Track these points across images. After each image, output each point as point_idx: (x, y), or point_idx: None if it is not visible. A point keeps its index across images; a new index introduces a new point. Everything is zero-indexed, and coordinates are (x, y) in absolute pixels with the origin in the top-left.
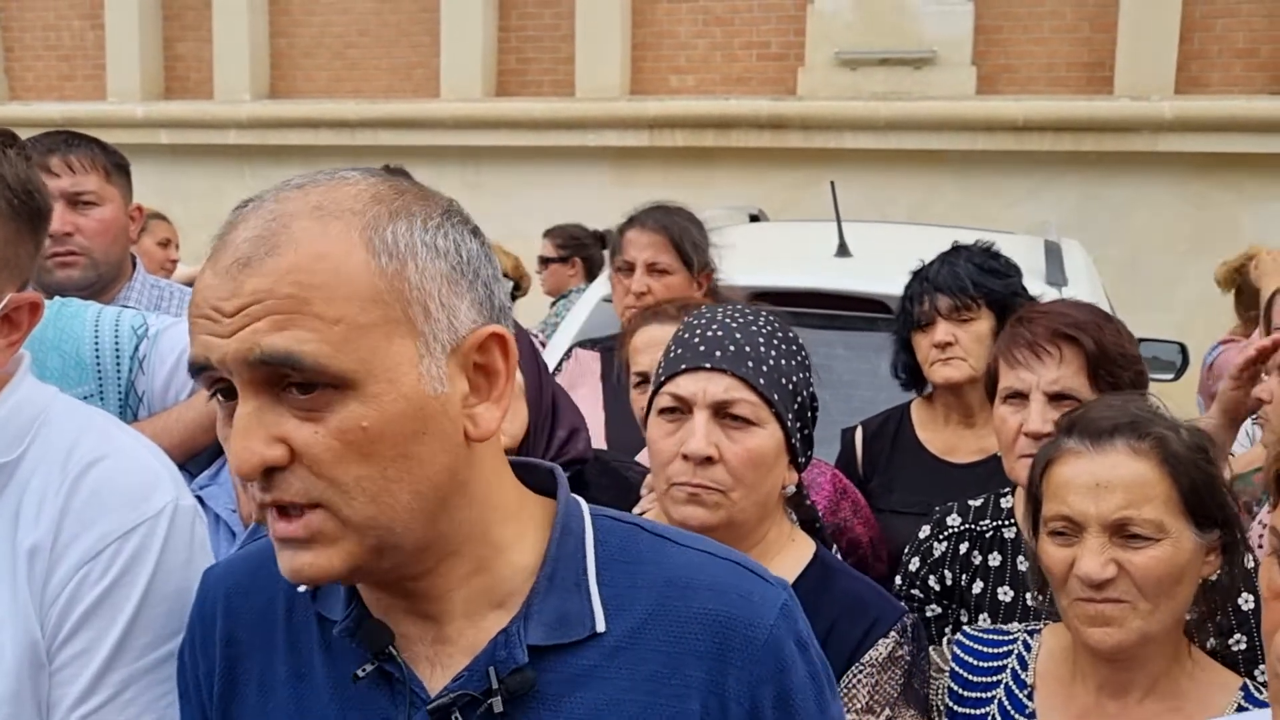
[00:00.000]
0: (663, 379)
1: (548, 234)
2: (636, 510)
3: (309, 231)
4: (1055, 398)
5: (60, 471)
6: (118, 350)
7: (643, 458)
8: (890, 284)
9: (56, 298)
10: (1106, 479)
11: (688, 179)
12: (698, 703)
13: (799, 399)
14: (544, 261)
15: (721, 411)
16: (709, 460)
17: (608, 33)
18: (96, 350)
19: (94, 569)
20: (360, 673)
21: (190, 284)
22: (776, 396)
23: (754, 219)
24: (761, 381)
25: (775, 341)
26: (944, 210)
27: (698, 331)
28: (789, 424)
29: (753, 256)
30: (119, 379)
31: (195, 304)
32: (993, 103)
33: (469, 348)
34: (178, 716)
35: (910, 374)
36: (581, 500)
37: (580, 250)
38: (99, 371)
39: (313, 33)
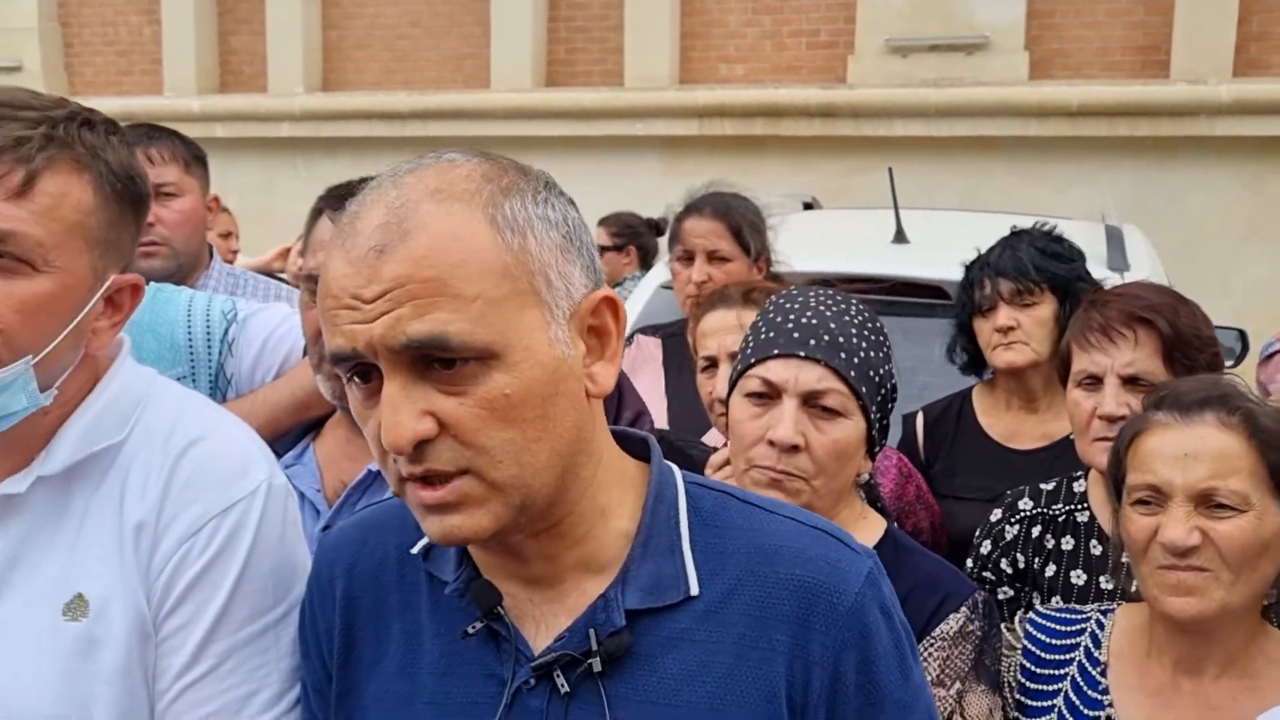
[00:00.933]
0: (752, 360)
1: (602, 223)
2: None
3: (434, 214)
4: (1130, 381)
5: (162, 451)
6: (209, 334)
7: (708, 439)
8: (948, 270)
9: (151, 283)
10: (1195, 449)
11: (737, 168)
12: (783, 666)
13: (883, 391)
14: (599, 250)
15: (811, 400)
16: (795, 448)
17: (657, 22)
18: (189, 334)
19: (195, 544)
20: (470, 630)
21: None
22: (864, 389)
23: (808, 207)
24: (853, 374)
25: (866, 332)
26: (995, 197)
27: (791, 316)
28: (872, 415)
29: (810, 243)
30: (210, 361)
31: (330, 295)
32: (1046, 88)
33: (585, 311)
34: (274, 687)
35: (971, 359)
36: (674, 467)
37: (635, 238)
38: (191, 354)
39: (364, 25)
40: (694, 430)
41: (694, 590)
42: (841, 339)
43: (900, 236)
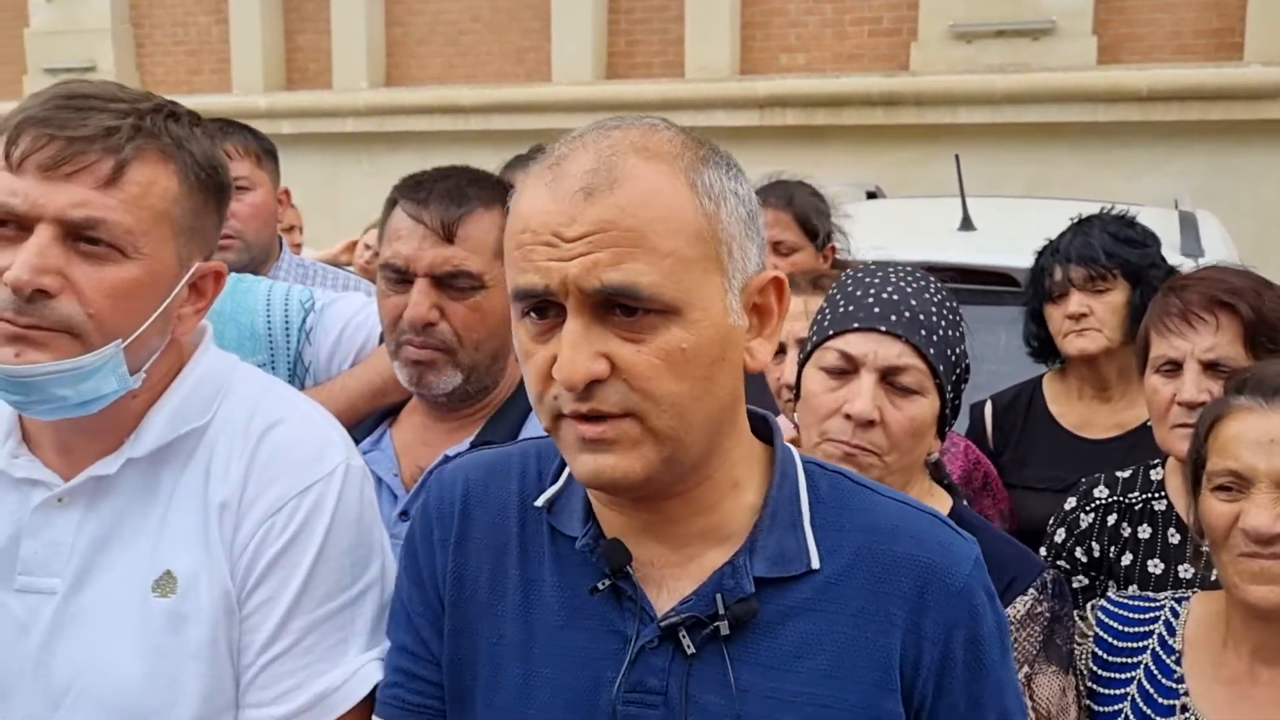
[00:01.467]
0: (830, 333)
1: None
2: None
3: (641, 169)
4: (1210, 366)
5: (244, 433)
6: (287, 322)
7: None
8: (1015, 257)
9: (232, 274)
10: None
11: (799, 158)
12: (898, 639)
13: (958, 370)
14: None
15: (888, 376)
16: (870, 423)
17: (717, 12)
18: (269, 322)
19: (276, 523)
20: (600, 586)
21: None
22: (942, 367)
23: (871, 195)
24: (932, 351)
25: (945, 310)
26: (1062, 184)
27: (871, 291)
28: (947, 395)
29: (876, 231)
30: (288, 350)
31: (528, 230)
32: (1115, 72)
33: (754, 288)
34: (351, 661)
35: (1041, 347)
36: (792, 448)
37: None
38: (271, 342)
39: (426, 21)
40: None
41: (815, 564)
42: (922, 316)
43: (967, 224)
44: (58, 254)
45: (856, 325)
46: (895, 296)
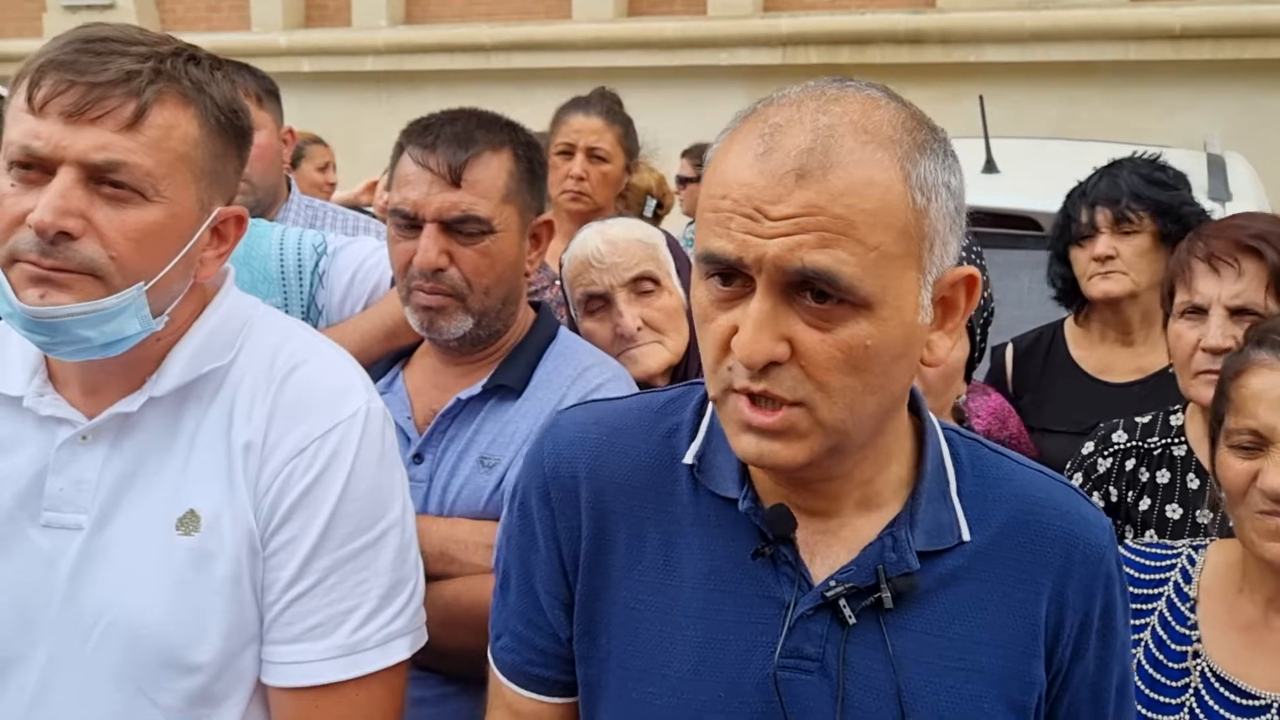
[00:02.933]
0: None
1: (686, 154)
2: None
3: (857, 155)
4: (1236, 312)
5: (267, 375)
6: (300, 266)
7: None
8: (1039, 200)
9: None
10: None
11: None
12: (1043, 607)
13: (986, 313)
14: (682, 181)
15: None
16: None
17: None
18: (282, 266)
19: (299, 464)
20: (766, 550)
21: (349, 207)
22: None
23: None
24: None
25: (970, 254)
26: (1090, 125)
27: None
28: (976, 338)
29: None
30: (301, 293)
31: (728, 196)
32: (1147, 9)
33: (946, 283)
34: (373, 602)
35: (1064, 291)
36: (931, 415)
37: None
38: (284, 285)
39: None
40: None
41: (966, 536)
42: None
43: (990, 166)
44: (80, 196)
45: None
46: None
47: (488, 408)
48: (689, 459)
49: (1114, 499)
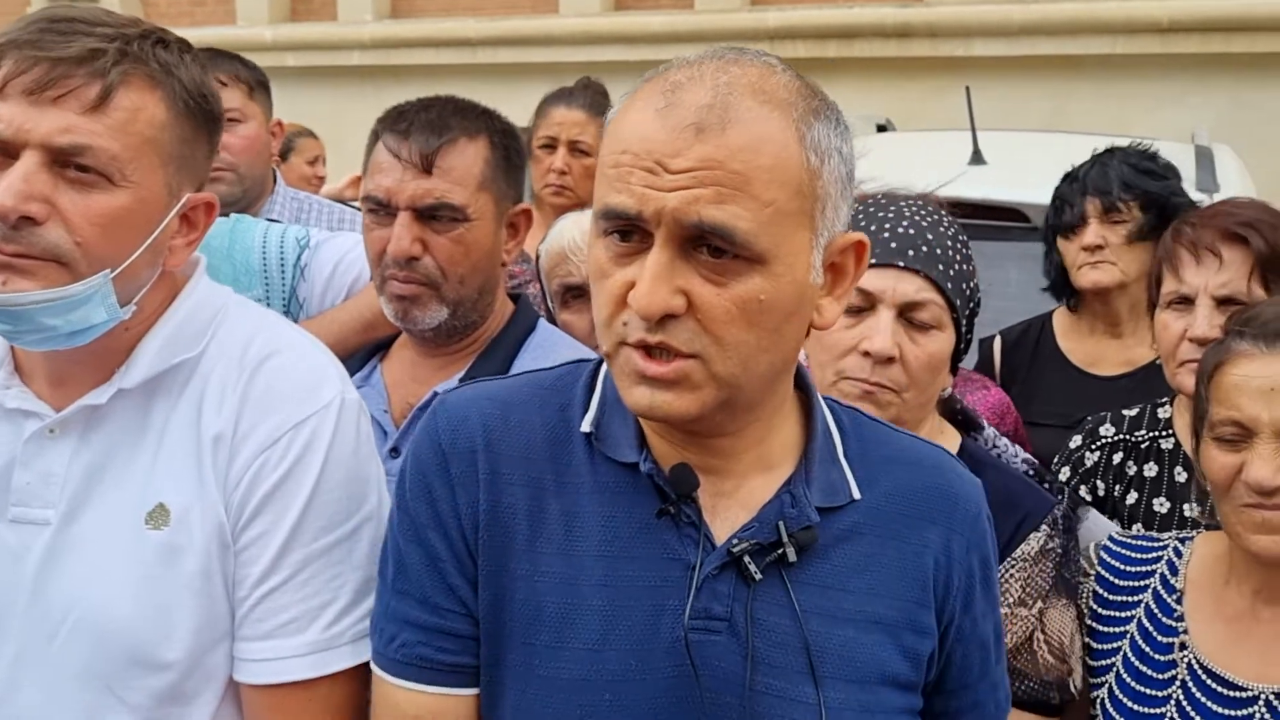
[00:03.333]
0: None
1: None
2: None
3: (756, 112)
4: (1223, 302)
5: (238, 365)
6: (283, 258)
7: None
8: (1026, 192)
9: (231, 214)
10: None
11: None
12: (932, 560)
13: (972, 304)
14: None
15: (906, 312)
16: (889, 360)
17: None
18: (264, 258)
19: (271, 456)
20: (670, 509)
21: (337, 200)
22: (958, 301)
23: (881, 129)
24: (949, 285)
25: (958, 243)
26: (1079, 118)
27: (886, 225)
28: (962, 329)
29: (883, 165)
30: (283, 285)
31: (628, 151)
32: (1135, 3)
33: (836, 249)
34: (348, 596)
35: (1055, 282)
36: (815, 387)
37: None
38: (266, 278)
39: None
40: None
41: (856, 494)
42: (939, 250)
43: (977, 158)
44: (44, 180)
45: (874, 261)
46: (911, 230)
47: None
48: (586, 427)
49: (1101, 493)
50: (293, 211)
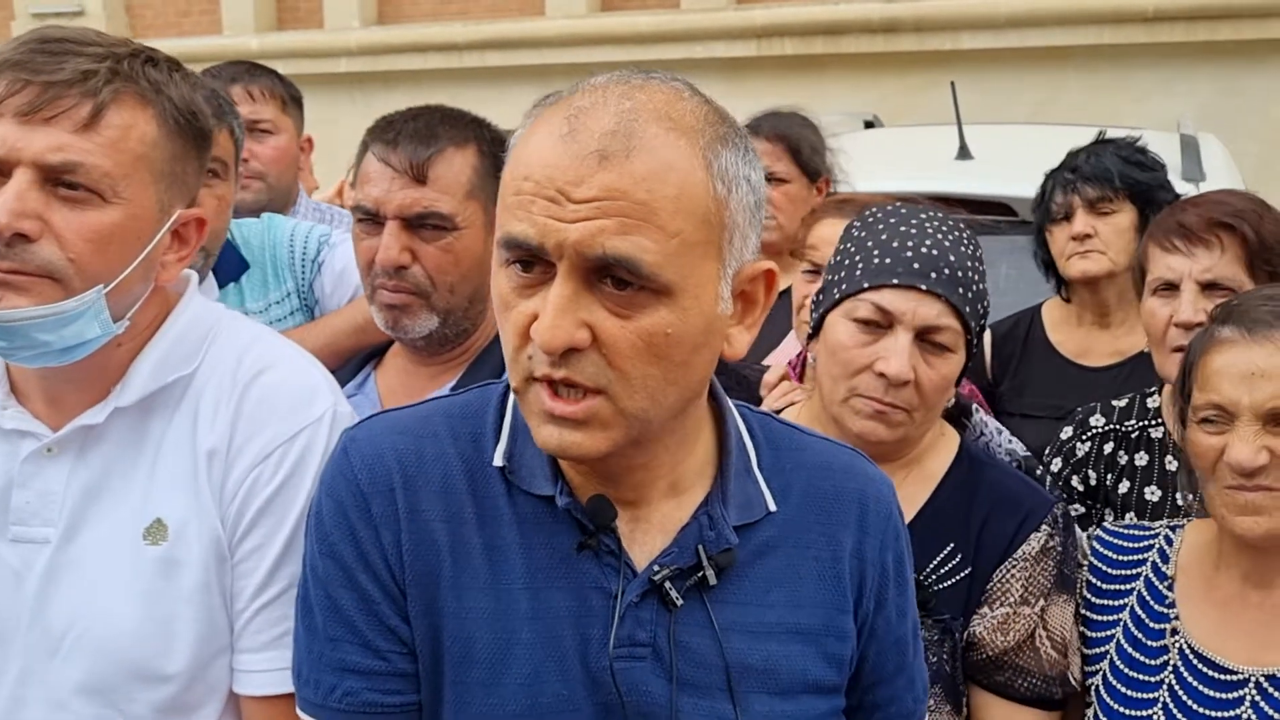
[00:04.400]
0: (864, 285)
1: None
2: (764, 408)
3: (661, 140)
4: (1209, 287)
5: (231, 380)
6: (305, 253)
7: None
8: (1014, 185)
9: (264, 214)
10: (1263, 368)
11: (798, 89)
12: (846, 564)
13: (983, 322)
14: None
15: (924, 334)
16: (905, 382)
17: None
18: (290, 253)
19: (265, 470)
20: (589, 543)
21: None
22: (974, 324)
23: (869, 125)
24: (967, 309)
25: (975, 262)
26: (1067, 109)
27: (909, 243)
28: (974, 348)
29: (872, 161)
30: (304, 280)
31: (529, 179)
32: None
33: (745, 277)
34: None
35: (1044, 272)
36: (724, 396)
37: None
38: (293, 272)
39: None
40: (752, 352)
41: (772, 507)
42: (960, 272)
43: (964, 153)
44: (37, 198)
45: (896, 281)
46: (934, 251)
47: None
48: (499, 460)
49: (1093, 482)
50: (315, 221)
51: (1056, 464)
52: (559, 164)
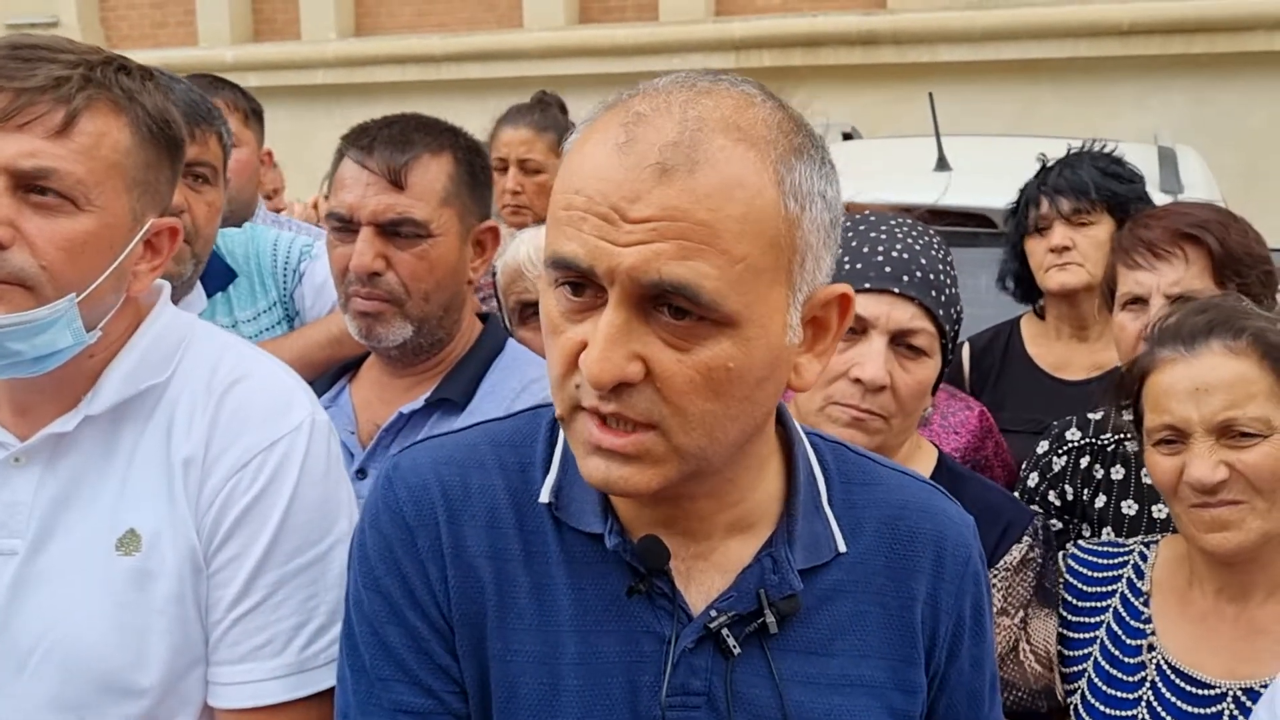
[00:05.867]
0: None
1: None
2: None
3: (728, 154)
4: (1178, 300)
5: (206, 390)
6: (288, 263)
7: None
8: (991, 197)
9: (246, 223)
10: (1206, 381)
11: None
12: (919, 612)
13: (957, 326)
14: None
15: (899, 339)
16: (880, 388)
17: None
18: (274, 263)
19: (242, 479)
20: (639, 588)
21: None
22: (948, 327)
23: (847, 137)
24: (941, 312)
25: (946, 266)
26: (1043, 122)
27: (880, 248)
28: (949, 353)
29: (850, 173)
30: (285, 289)
31: (580, 193)
32: (1095, 6)
33: (817, 302)
34: (321, 618)
35: (1021, 285)
36: (796, 424)
37: None
38: (275, 281)
39: None
40: None
41: (841, 548)
42: (932, 275)
43: (942, 164)
44: (9, 205)
45: (868, 285)
46: (905, 255)
47: (431, 422)
48: (545, 497)
49: (1070, 497)
50: None
51: (1033, 479)
52: (614, 177)
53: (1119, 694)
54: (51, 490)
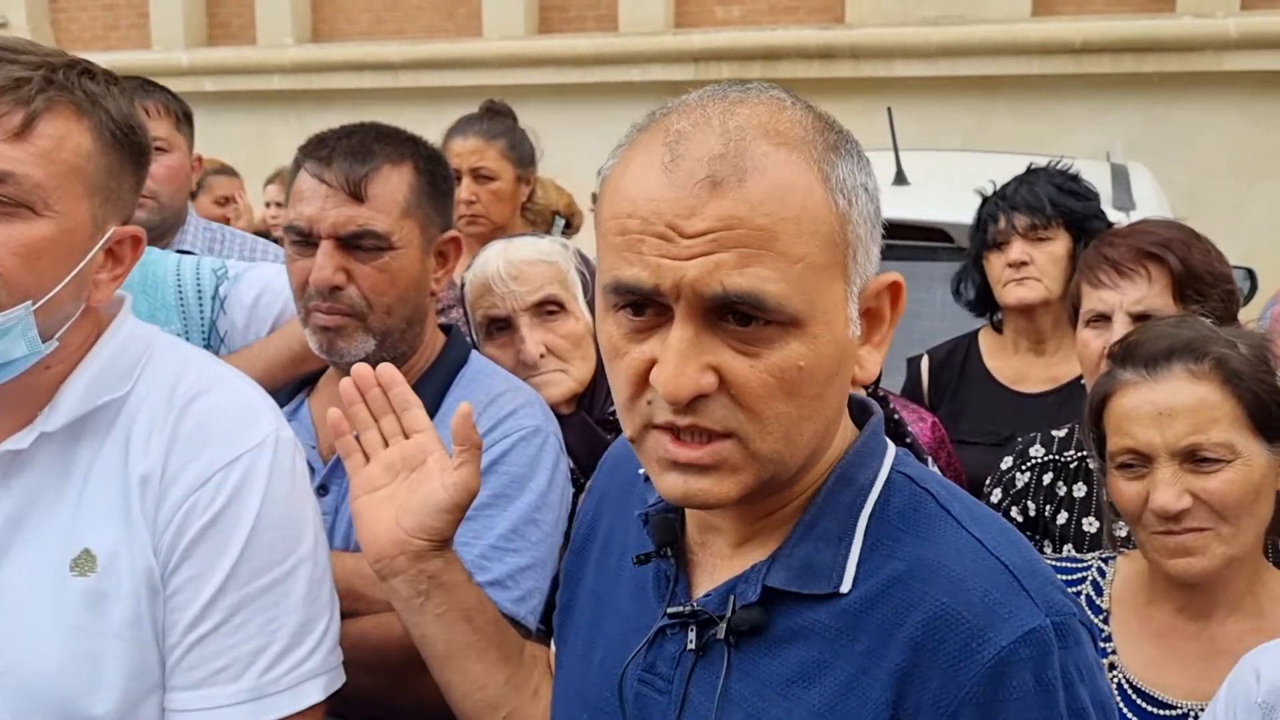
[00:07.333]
0: None
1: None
2: None
3: (772, 159)
4: (1140, 318)
5: (166, 404)
6: (200, 291)
7: None
8: (949, 211)
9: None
10: (1169, 406)
11: None
12: (893, 692)
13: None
14: (593, 197)
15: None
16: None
17: None
18: (180, 293)
19: (202, 497)
20: (641, 558)
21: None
22: None
23: None
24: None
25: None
26: (998, 137)
27: None
28: None
29: None
30: (202, 319)
31: (636, 215)
32: (1050, 24)
33: (870, 293)
34: (283, 640)
35: (979, 299)
36: (891, 447)
37: None
38: (183, 313)
39: None
40: None
41: (844, 588)
42: None
43: (900, 178)
44: None
45: None
46: None
47: None
48: (644, 469)
49: (1032, 513)
50: (205, 242)
51: (996, 494)
52: (666, 196)
53: None
54: (5, 509)
